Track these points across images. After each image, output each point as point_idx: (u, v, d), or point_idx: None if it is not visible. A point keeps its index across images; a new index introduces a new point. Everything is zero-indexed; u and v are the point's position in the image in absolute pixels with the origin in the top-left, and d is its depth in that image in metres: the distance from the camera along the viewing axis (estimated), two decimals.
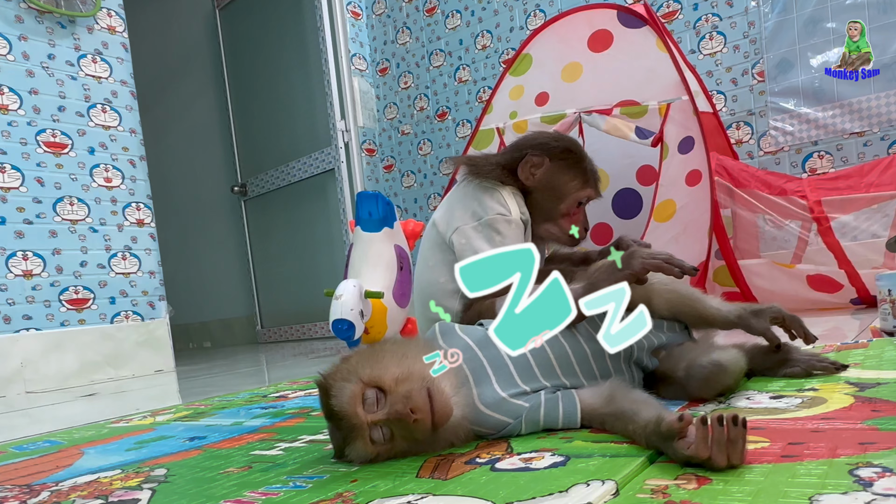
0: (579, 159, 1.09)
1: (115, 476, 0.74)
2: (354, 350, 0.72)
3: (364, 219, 2.31)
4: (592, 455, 0.59)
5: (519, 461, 0.60)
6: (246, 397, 1.34)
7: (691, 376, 0.79)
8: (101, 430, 1.10)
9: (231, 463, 0.74)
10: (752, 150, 2.69)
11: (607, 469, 0.55)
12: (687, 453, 0.53)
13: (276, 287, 3.94)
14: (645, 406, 0.65)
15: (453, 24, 3.37)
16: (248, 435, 0.91)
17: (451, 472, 0.60)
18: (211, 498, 0.60)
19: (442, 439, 0.68)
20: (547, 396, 0.72)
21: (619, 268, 0.77)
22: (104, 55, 2.50)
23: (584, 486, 0.51)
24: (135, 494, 0.65)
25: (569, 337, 0.79)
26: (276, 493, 0.60)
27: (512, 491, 0.51)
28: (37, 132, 2.29)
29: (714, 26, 2.74)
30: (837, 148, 2.51)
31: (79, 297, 2.35)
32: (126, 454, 0.86)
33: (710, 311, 0.91)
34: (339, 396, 0.65)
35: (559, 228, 1.09)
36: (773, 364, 0.92)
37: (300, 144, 3.67)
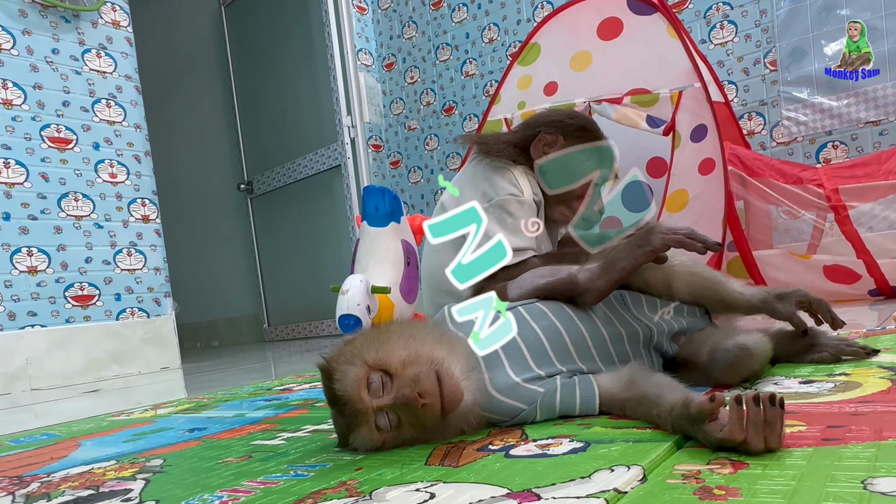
0: (595, 138, 1.04)
1: (110, 467, 0.70)
2: (359, 331, 0.68)
3: (370, 213, 2.27)
4: (615, 440, 0.55)
5: (535, 447, 0.56)
6: (250, 390, 1.31)
7: (715, 360, 0.74)
8: (100, 423, 1.06)
9: (230, 453, 0.71)
10: (764, 140, 2.64)
11: (632, 454, 0.50)
12: (719, 436, 0.48)
13: (282, 285, 3.91)
14: (669, 389, 0.61)
15: (460, 17, 3.33)
16: (250, 426, 0.87)
17: (462, 459, 0.56)
18: (207, 487, 0.57)
19: (452, 426, 0.64)
20: (563, 381, 0.68)
21: (638, 244, 0.73)
22: (108, 50, 2.48)
23: (607, 471, 0.47)
24: (127, 485, 0.61)
25: (585, 319, 0.75)
26: (276, 482, 0.56)
27: (529, 477, 0.48)
28: (41, 127, 2.27)
29: (725, 15, 2.69)
30: (852, 137, 2.45)
31: (84, 294, 2.32)
32: (123, 445, 0.83)
33: (732, 294, 0.86)
34: (343, 380, 0.61)
35: (573, 211, 1.04)
36: (800, 350, 0.87)
37: (306, 141, 3.64)
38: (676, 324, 0.83)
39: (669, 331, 0.82)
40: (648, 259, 0.74)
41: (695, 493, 0.40)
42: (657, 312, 0.82)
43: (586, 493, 0.42)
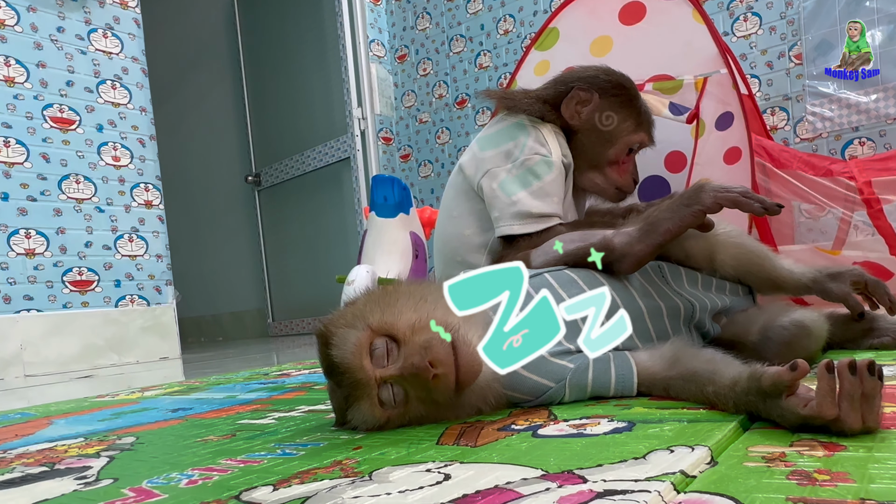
0: (633, 97, 0.94)
1: (76, 444, 0.62)
2: (363, 293, 0.59)
3: (379, 203, 2.20)
4: (664, 420, 0.46)
5: (568, 427, 0.47)
6: (246, 375, 1.22)
7: (769, 339, 0.65)
8: (81, 404, 0.98)
9: (212, 432, 0.62)
10: (787, 136, 2.53)
11: (690, 435, 0.41)
12: (803, 413, 0.39)
13: (288, 279, 3.84)
14: (725, 364, 0.52)
15: (475, 8, 3.26)
16: (240, 406, 0.79)
17: (481, 438, 0.47)
18: (177, 465, 0.48)
19: (467, 404, 0.54)
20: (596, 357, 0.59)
21: (686, 203, 0.63)
22: (115, 30, 2.41)
23: (665, 452, 0.37)
24: (88, 462, 0.53)
25: (621, 290, 0.65)
26: (259, 460, 0.47)
27: (567, 457, 0.38)
28: (43, 107, 2.21)
29: (749, 7, 2.59)
30: (881, 134, 2.34)
31: (82, 279, 2.25)
32: (97, 424, 0.75)
33: (780, 272, 0.76)
34: (342, 346, 0.52)
35: (605, 178, 0.94)
36: (855, 335, 0.78)
37: (316, 133, 3.58)
38: (719, 301, 0.74)
39: (712, 308, 0.72)
40: (697, 221, 0.64)
41: (789, 478, 0.31)
42: (697, 287, 0.73)
43: (645, 475, 0.33)
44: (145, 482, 0.43)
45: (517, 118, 0.90)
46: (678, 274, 0.73)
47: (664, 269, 0.72)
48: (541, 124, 0.89)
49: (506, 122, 0.92)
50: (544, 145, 0.85)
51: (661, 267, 0.72)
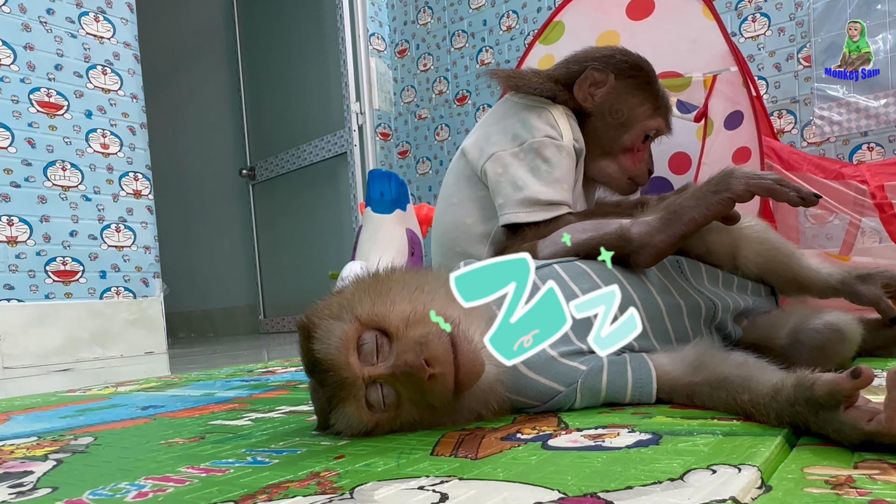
0: (651, 80, 0.87)
1: (25, 444, 0.55)
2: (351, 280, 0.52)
3: (375, 199, 2.14)
4: (694, 433, 0.40)
5: (583, 438, 0.41)
6: (229, 372, 1.16)
7: (800, 343, 0.59)
8: (48, 399, 0.91)
9: (180, 433, 0.55)
10: (794, 140, 2.48)
11: (729, 451, 0.35)
12: (869, 428, 0.33)
13: (280, 275, 3.77)
14: (760, 369, 0.45)
15: (477, 3, 3.20)
16: (216, 405, 0.72)
17: (482, 449, 0.40)
18: (130, 473, 0.41)
19: (466, 408, 0.48)
20: (611, 358, 0.52)
21: (714, 190, 0.57)
22: (107, 14, 2.34)
23: (706, 472, 0.31)
24: (31, 466, 0.46)
25: (637, 285, 0.59)
26: (224, 469, 0.41)
27: (587, 475, 0.32)
28: (30, 90, 2.14)
29: (758, 7, 2.54)
30: (890, 139, 2.29)
31: (66, 269, 2.18)
32: (58, 421, 0.68)
33: (807, 271, 0.70)
34: (325, 339, 0.45)
35: (618, 167, 0.87)
36: (887, 341, 0.72)
37: (312, 127, 3.51)
38: (742, 301, 0.67)
39: (735, 308, 0.66)
40: (725, 210, 0.58)
41: None
42: (718, 285, 0.67)
43: (688, 501, 0.27)
44: (87, 494, 0.37)
45: (526, 99, 0.83)
46: (698, 270, 0.67)
47: (683, 264, 0.66)
48: (551, 106, 0.82)
49: (513, 102, 0.85)
50: (555, 128, 0.79)
51: (680, 262, 0.66)
